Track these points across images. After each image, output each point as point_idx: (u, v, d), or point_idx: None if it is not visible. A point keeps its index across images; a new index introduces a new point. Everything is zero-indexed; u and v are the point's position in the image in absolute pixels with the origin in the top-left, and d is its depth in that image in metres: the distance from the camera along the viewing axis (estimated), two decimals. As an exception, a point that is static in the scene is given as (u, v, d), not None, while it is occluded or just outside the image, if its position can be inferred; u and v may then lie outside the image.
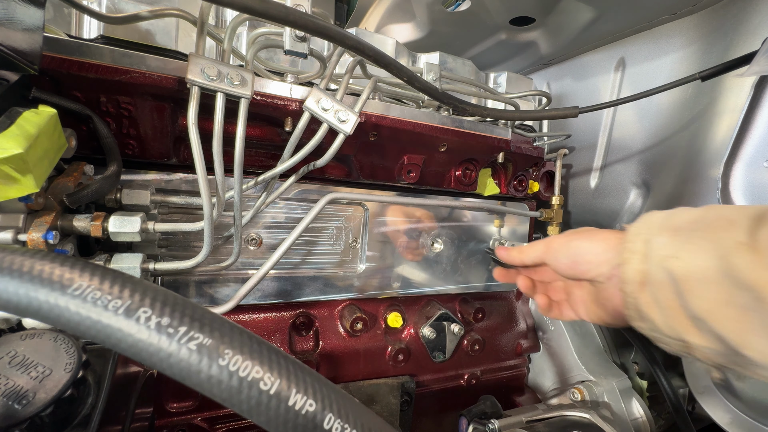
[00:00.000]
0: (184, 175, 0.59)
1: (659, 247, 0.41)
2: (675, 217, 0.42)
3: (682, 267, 0.38)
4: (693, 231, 0.39)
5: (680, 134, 0.77)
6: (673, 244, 0.40)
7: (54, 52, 0.43)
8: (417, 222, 0.79)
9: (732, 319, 0.35)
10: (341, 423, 0.21)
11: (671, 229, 0.41)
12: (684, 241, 0.39)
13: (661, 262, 0.40)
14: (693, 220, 0.40)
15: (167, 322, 0.20)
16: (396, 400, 0.76)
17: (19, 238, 0.38)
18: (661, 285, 0.40)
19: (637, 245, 0.43)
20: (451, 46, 1.01)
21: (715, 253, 0.36)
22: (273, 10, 0.37)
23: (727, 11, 0.67)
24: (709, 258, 0.37)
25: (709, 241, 0.37)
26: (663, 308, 0.40)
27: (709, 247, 0.37)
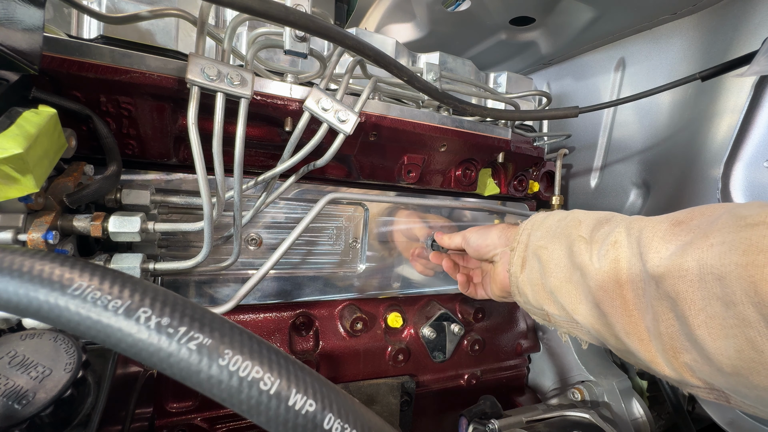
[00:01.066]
0: (184, 175, 0.59)
1: (535, 239, 0.53)
2: (550, 218, 0.55)
3: (546, 254, 0.50)
4: (557, 228, 0.51)
5: (680, 134, 0.77)
6: (544, 237, 0.52)
7: (54, 52, 0.43)
8: (417, 222, 0.79)
9: (568, 292, 0.47)
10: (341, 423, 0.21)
11: (546, 226, 0.53)
12: (550, 236, 0.51)
13: (535, 251, 0.52)
14: (560, 218, 0.52)
15: (167, 322, 0.20)
16: (396, 400, 0.76)
17: (19, 238, 0.38)
18: (532, 268, 0.52)
19: (522, 237, 0.56)
20: (451, 46, 1.01)
21: (566, 244, 0.48)
22: (273, 10, 0.37)
23: (727, 11, 0.67)
24: (562, 247, 0.48)
25: (564, 236, 0.49)
26: (533, 285, 0.52)
27: (563, 240, 0.49)
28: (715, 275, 0.32)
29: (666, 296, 0.36)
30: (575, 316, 0.47)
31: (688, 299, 0.34)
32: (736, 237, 0.31)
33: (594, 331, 0.46)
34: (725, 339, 0.31)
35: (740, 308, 0.30)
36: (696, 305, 0.33)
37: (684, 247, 0.35)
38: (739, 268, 0.30)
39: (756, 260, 0.29)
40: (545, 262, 0.50)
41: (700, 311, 0.33)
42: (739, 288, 0.30)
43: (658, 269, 0.37)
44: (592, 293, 0.43)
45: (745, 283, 0.29)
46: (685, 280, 0.34)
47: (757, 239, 0.30)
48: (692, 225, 0.37)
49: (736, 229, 0.32)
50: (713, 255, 0.32)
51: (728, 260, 0.31)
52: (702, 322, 0.33)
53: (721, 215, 0.35)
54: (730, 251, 0.31)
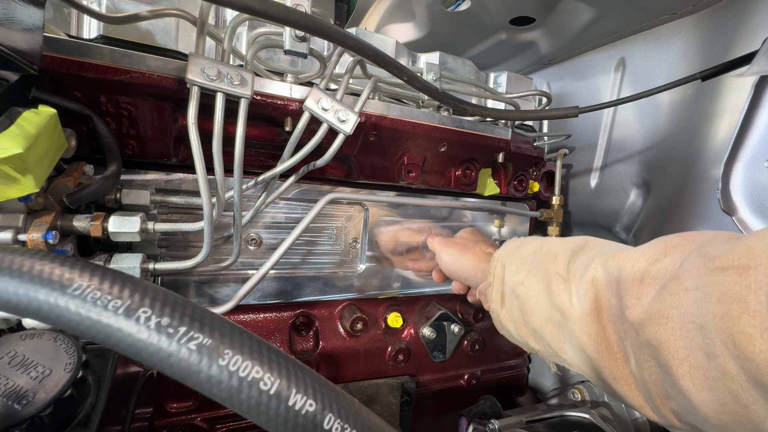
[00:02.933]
0: (184, 175, 0.59)
1: (511, 274, 0.51)
2: (523, 247, 0.53)
3: (524, 291, 0.48)
4: (532, 261, 0.49)
5: (680, 134, 0.77)
6: (520, 272, 0.50)
7: (54, 52, 0.43)
8: (417, 222, 0.79)
9: (551, 332, 0.45)
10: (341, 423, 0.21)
11: (520, 258, 0.51)
12: (526, 270, 0.49)
13: (513, 287, 0.50)
14: (534, 250, 0.50)
15: (167, 322, 0.20)
16: (396, 400, 0.76)
17: (19, 238, 0.38)
18: (512, 305, 0.50)
19: (498, 269, 0.54)
20: (451, 46, 1.01)
21: (542, 281, 0.46)
22: (273, 10, 0.37)
23: (727, 11, 0.67)
24: (540, 285, 0.46)
25: (540, 271, 0.47)
26: (515, 322, 0.51)
27: (539, 276, 0.46)
28: (695, 324, 0.31)
29: (647, 344, 0.34)
30: (562, 354, 0.45)
31: (671, 348, 0.32)
32: (709, 282, 0.30)
33: (581, 371, 0.44)
34: (709, 391, 0.30)
35: (721, 360, 0.29)
36: (679, 354, 0.32)
37: (660, 292, 0.34)
38: (716, 318, 0.29)
39: (731, 310, 0.28)
40: (524, 300, 0.48)
41: (683, 361, 0.32)
42: (719, 340, 0.29)
43: (639, 317, 0.35)
44: (576, 337, 0.41)
45: (724, 335, 0.28)
46: (666, 328, 0.33)
47: (729, 286, 0.28)
48: (666, 263, 0.35)
49: (707, 273, 0.30)
50: (690, 302, 0.31)
51: (705, 310, 0.30)
52: (686, 372, 0.31)
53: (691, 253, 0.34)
54: (705, 299, 0.30)
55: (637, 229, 0.87)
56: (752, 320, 0.27)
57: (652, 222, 0.83)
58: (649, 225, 0.84)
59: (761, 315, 0.27)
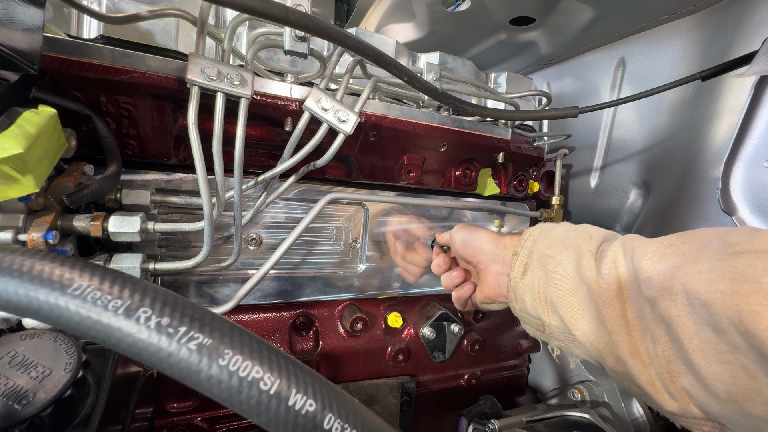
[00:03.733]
0: (184, 175, 0.59)
1: (541, 247, 0.52)
2: (558, 227, 0.54)
3: (552, 263, 0.49)
4: (566, 238, 0.50)
5: (680, 134, 0.77)
6: (551, 246, 0.51)
7: (54, 52, 0.43)
8: (417, 222, 0.79)
9: (572, 305, 0.46)
10: (341, 423, 0.21)
11: (554, 235, 0.52)
12: (558, 245, 0.50)
13: (540, 258, 0.51)
14: (568, 229, 0.52)
15: (167, 322, 0.20)
16: (396, 400, 0.76)
17: (19, 238, 0.38)
18: (536, 275, 0.51)
19: (527, 242, 0.55)
20: (451, 46, 1.01)
21: (574, 256, 0.47)
22: (273, 10, 0.37)
23: (727, 11, 0.67)
24: (570, 259, 0.48)
25: (573, 248, 0.48)
26: (533, 292, 0.51)
27: (572, 251, 0.48)
28: (701, 301, 0.32)
29: (661, 319, 0.36)
30: (574, 330, 0.46)
31: (681, 323, 0.34)
32: (724, 265, 0.31)
33: (592, 348, 0.44)
34: (720, 364, 0.31)
35: (729, 336, 0.30)
36: (689, 329, 0.33)
37: (672, 270, 0.35)
38: (724, 296, 0.30)
39: (741, 289, 0.29)
40: (550, 271, 0.49)
41: (693, 336, 0.33)
42: (725, 317, 0.30)
43: (651, 291, 0.37)
44: (599, 310, 0.43)
45: (731, 312, 0.29)
46: (676, 304, 0.34)
47: (744, 267, 0.30)
48: (683, 249, 0.37)
49: (724, 257, 0.32)
50: (700, 281, 0.32)
51: (714, 287, 0.31)
52: (696, 347, 0.33)
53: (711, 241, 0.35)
54: (716, 279, 0.31)
55: (637, 229, 0.87)
56: (762, 299, 0.28)
57: (652, 222, 0.83)
58: (649, 225, 0.84)
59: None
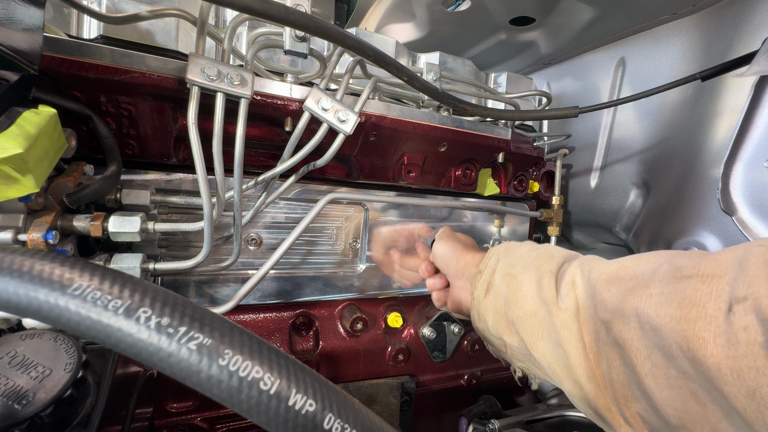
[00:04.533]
0: (184, 175, 0.59)
1: (504, 266, 0.52)
2: (522, 246, 0.54)
3: (514, 283, 0.49)
4: (528, 258, 0.50)
5: (680, 134, 0.77)
6: (513, 266, 0.51)
7: (54, 52, 0.43)
8: (417, 222, 0.79)
9: (531, 326, 0.45)
10: (341, 423, 0.21)
11: (517, 254, 0.52)
12: (521, 265, 0.50)
13: (502, 278, 0.51)
14: (531, 249, 0.52)
15: (167, 322, 0.20)
16: (396, 400, 0.76)
17: (19, 238, 0.38)
18: (497, 295, 0.51)
19: (491, 261, 0.54)
20: (451, 46, 1.01)
21: (535, 276, 0.47)
22: (273, 10, 0.37)
23: (727, 11, 0.67)
24: (531, 279, 0.47)
25: (534, 267, 0.48)
26: (495, 312, 0.51)
27: (533, 271, 0.48)
28: (651, 325, 0.32)
29: (615, 342, 0.36)
30: (533, 352, 0.46)
31: (634, 347, 0.33)
32: (673, 289, 0.31)
33: (551, 371, 0.44)
34: (671, 390, 0.31)
35: (678, 361, 0.29)
36: (641, 353, 0.33)
37: (625, 293, 0.35)
38: (673, 321, 0.30)
39: (688, 314, 0.29)
40: (512, 291, 0.49)
41: (645, 360, 0.33)
42: (674, 342, 0.29)
43: (605, 314, 0.37)
44: (557, 332, 0.42)
45: (679, 338, 0.29)
46: (629, 327, 0.34)
47: (691, 292, 0.29)
48: (637, 271, 0.37)
49: (673, 281, 0.32)
50: (650, 305, 0.32)
51: (663, 312, 0.31)
52: (648, 371, 0.32)
53: (663, 264, 0.35)
54: (666, 303, 0.31)
55: (637, 229, 0.87)
56: (708, 325, 0.28)
57: (652, 222, 0.83)
58: (649, 225, 0.84)
59: (717, 321, 0.27)
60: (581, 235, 1.07)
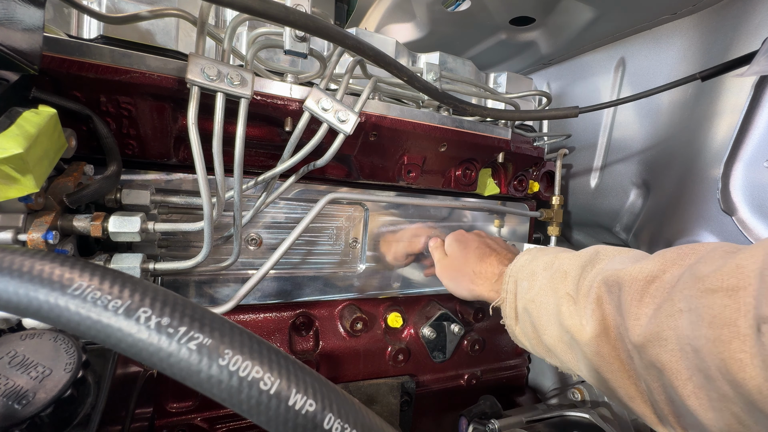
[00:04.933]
0: (184, 175, 0.59)
1: (523, 291, 0.50)
2: (535, 261, 0.52)
3: (536, 310, 0.48)
4: (543, 278, 0.48)
5: (680, 134, 0.77)
6: (531, 289, 0.49)
7: (54, 52, 0.43)
8: (417, 222, 0.79)
9: (564, 352, 0.45)
10: (341, 423, 0.21)
11: (531, 273, 0.51)
12: (538, 288, 0.48)
13: (525, 305, 0.49)
14: (544, 267, 0.50)
15: (167, 322, 0.20)
16: (396, 400, 0.76)
17: (19, 238, 0.38)
18: (525, 322, 0.50)
19: (510, 285, 0.53)
20: (451, 46, 1.01)
21: (554, 300, 0.46)
22: (273, 10, 0.37)
23: (727, 11, 0.67)
24: (551, 304, 0.46)
25: (551, 291, 0.46)
26: (529, 339, 0.51)
27: (551, 295, 0.46)
28: (692, 347, 0.31)
29: (651, 365, 0.35)
30: (578, 372, 0.45)
31: (674, 369, 0.32)
32: (700, 304, 0.30)
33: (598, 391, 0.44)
34: (714, 411, 0.30)
35: (718, 384, 0.29)
36: (682, 375, 0.32)
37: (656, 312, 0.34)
38: (709, 342, 0.29)
39: (721, 335, 0.28)
40: (536, 318, 0.48)
41: (687, 381, 0.32)
42: (713, 364, 0.29)
43: (638, 338, 0.35)
44: (588, 358, 0.41)
45: (717, 360, 0.28)
46: (666, 350, 0.33)
47: (720, 309, 0.29)
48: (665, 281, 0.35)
49: (698, 294, 0.31)
50: (685, 324, 0.31)
51: (699, 333, 0.30)
52: (691, 393, 0.32)
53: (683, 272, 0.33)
54: (698, 322, 0.30)
55: (637, 229, 0.87)
56: (743, 345, 0.27)
57: (652, 222, 0.83)
58: (649, 225, 0.84)
59: (751, 340, 0.27)
60: (581, 235, 1.06)
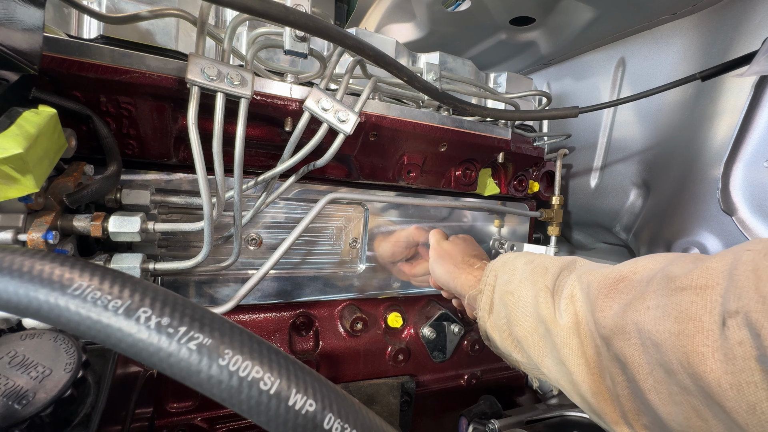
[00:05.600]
0: (184, 175, 0.59)
1: (502, 283, 0.51)
2: (518, 259, 0.52)
3: (513, 301, 0.48)
4: (524, 273, 0.49)
5: (680, 134, 0.77)
6: (511, 282, 0.49)
7: (54, 52, 0.43)
8: (417, 222, 0.79)
9: (534, 344, 0.45)
10: (341, 423, 0.21)
11: (512, 268, 0.51)
12: (517, 281, 0.49)
13: (502, 296, 0.50)
14: (526, 262, 0.50)
15: (167, 322, 0.20)
16: (396, 400, 0.76)
17: (19, 238, 0.38)
18: (499, 314, 0.50)
19: (490, 278, 0.53)
20: (451, 46, 1.01)
21: (532, 292, 0.46)
22: (273, 10, 0.37)
23: (727, 11, 0.67)
24: (529, 296, 0.46)
25: (530, 283, 0.47)
26: (500, 331, 0.50)
27: (529, 287, 0.47)
28: (652, 341, 0.31)
29: (616, 358, 0.35)
30: (542, 368, 0.45)
31: (636, 363, 0.33)
32: (669, 301, 0.31)
33: (560, 386, 0.44)
34: (673, 405, 0.30)
35: (679, 377, 0.29)
36: (643, 369, 0.33)
37: (624, 307, 0.35)
38: (672, 336, 0.29)
39: (686, 329, 0.28)
40: (511, 309, 0.48)
41: (648, 375, 0.32)
42: (674, 358, 0.29)
43: (605, 330, 0.36)
44: (557, 349, 0.42)
45: (679, 353, 0.29)
46: (629, 343, 0.34)
47: (686, 305, 0.29)
48: (634, 281, 0.36)
49: (668, 292, 0.31)
50: (649, 319, 0.32)
51: (662, 327, 0.30)
52: (651, 387, 0.32)
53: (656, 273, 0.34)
54: (664, 317, 0.30)
55: (637, 229, 0.87)
56: (705, 339, 0.27)
57: (652, 222, 0.83)
58: (649, 225, 0.84)
59: (713, 335, 0.27)
60: (581, 235, 1.06)
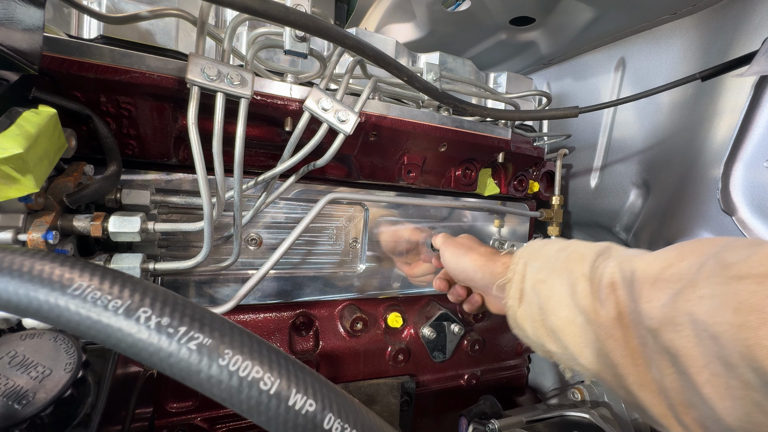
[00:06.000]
0: (184, 175, 0.59)
1: (533, 271, 0.49)
2: (548, 246, 0.51)
3: (546, 290, 0.46)
4: (557, 260, 0.47)
5: (680, 134, 0.77)
6: (543, 270, 0.48)
7: (54, 52, 0.43)
8: (417, 222, 0.79)
9: (573, 334, 0.43)
10: (341, 423, 0.21)
11: (544, 256, 0.50)
12: (549, 268, 0.47)
13: (533, 285, 0.48)
14: (558, 249, 0.49)
15: (167, 322, 0.20)
16: (396, 400, 0.76)
17: (19, 238, 0.38)
18: (531, 303, 0.48)
19: (519, 267, 0.51)
20: (451, 46, 1.01)
21: (568, 281, 0.44)
22: (273, 10, 0.37)
23: (727, 11, 0.67)
24: (564, 284, 0.44)
25: (566, 271, 0.45)
26: (532, 321, 0.48)
27: (564, 276, 0.45)
28: (709, 333, 0.30)
29: (665, 350, 0.34)
30: (580, 360, 0.43)
31: (689, 355, 0.31)
32: (725, 290, 0.29)
33: (600, 379, 0.42)
34: (732, 400, 0.29)
35: (740, 371, 0.28)
36: (697, 362, 0.31)
37: (674, 297, 0.33)
38: (732, 328, 0.28)
39: (749, 321, 0.27)
40: (545, 299, 0.46)
41: (702, 368, 0.31)
42: (735, 351, 0.28)
43: (652, 322, 0.34)
44: (600, 341, 0.40)
45: (741, 346, 0.27)
46: (681, 335, 0.32)
47: (747, 296, 0.28)
48: (682, 268, 0.34)
49: (723, 281, 0.30)
50: (704, 310, 0.30)
51: (720, 318, 0.29)
52: (706, 381, 0.30)
53: (708, 259, 0.33)
54: (721, 307, 0.29)
55: (637, 229, 0.87)
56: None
57: (652, 222, 0.83)
58: (649, 225, 0.84)
59: None
60: (581, 235, 1.06)
